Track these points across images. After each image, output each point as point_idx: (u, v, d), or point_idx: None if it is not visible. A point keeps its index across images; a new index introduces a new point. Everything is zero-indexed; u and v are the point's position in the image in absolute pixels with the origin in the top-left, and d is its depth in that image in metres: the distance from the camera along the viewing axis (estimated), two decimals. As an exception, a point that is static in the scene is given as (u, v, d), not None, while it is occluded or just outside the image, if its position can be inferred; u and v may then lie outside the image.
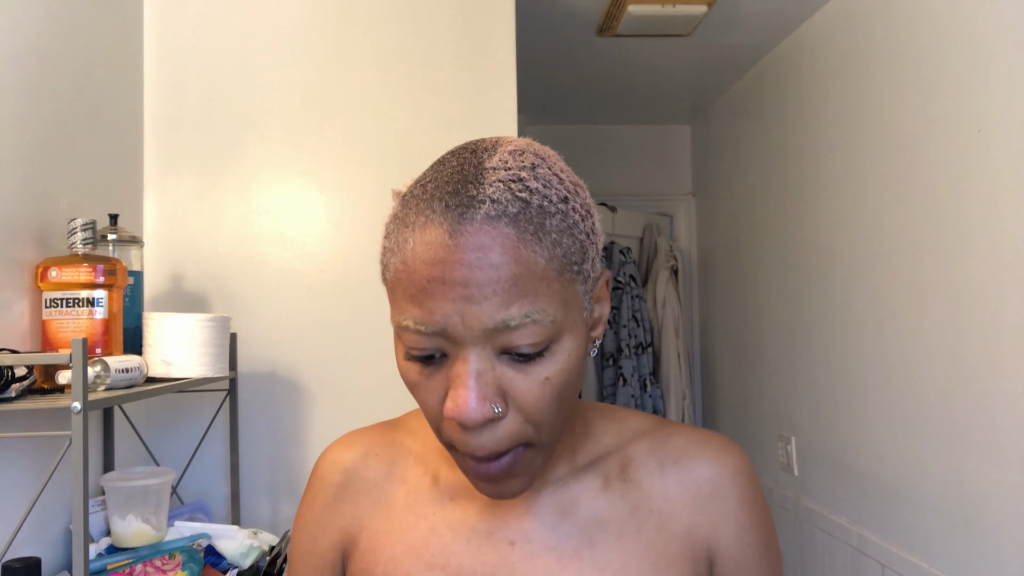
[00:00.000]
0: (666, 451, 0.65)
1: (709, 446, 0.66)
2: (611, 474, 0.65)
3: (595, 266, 0.56)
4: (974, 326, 1.62)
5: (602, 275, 0.58)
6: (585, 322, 0.56)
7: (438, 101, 1.76)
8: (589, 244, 0.55)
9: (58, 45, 1.33)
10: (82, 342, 0.94)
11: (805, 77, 2.40)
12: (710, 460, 0.65)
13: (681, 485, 0.64)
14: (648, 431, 0.67)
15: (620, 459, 0.65)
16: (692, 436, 0.67)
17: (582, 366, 0.56)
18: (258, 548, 1.39)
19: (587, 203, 0.57)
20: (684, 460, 0.65)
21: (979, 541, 1.61)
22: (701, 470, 0.64)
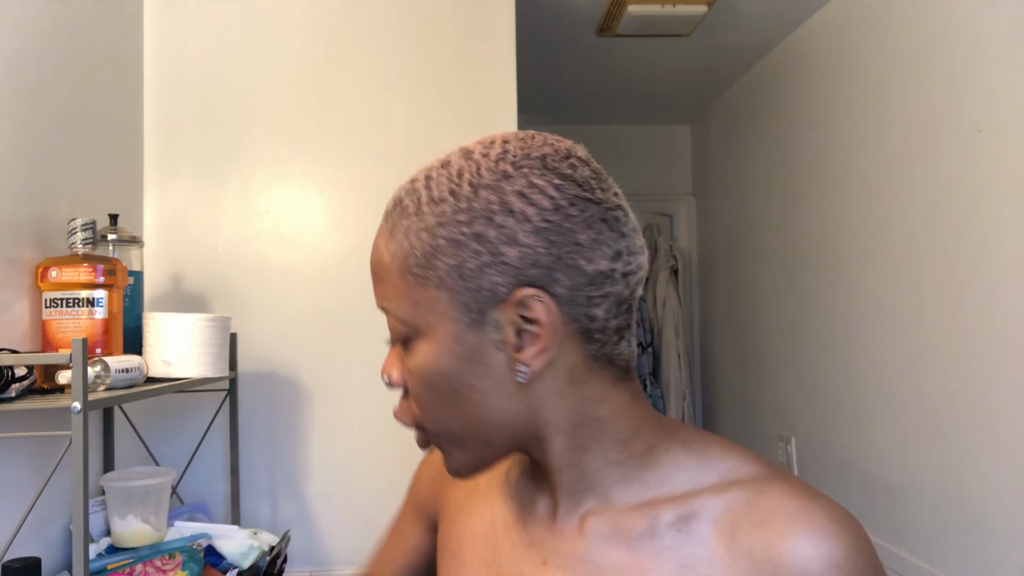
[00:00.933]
0: (749, 511, 0.53)
1: (807, 521, 0.51)
2: (666, 517, 0.55)
3: (467, 277, 0.53)
4: (974, 326, 1.62)
5: (512, 296, 0.52)
6: (469, 338, 0.54)
7: (438, 101, 1.76)
8: (450, 248, 0.53)
9: (58, 45, 1.33)
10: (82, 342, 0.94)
11: (805, 77, 2.40)
12: (801, 540, 0.50)
13: (752, 562, 0.51)
14: (739, 481, 0.55)
15: (686, 505, 0.55)
16: (790, 500, 0.52)
17: (465, 376, 0.55)
18: (258, 548, 1.39)
19: (478, 209, 0.53)
20: (766, 529, 0.51)
21: (979, 541, 1.61)
22: (783, 550, 0.50)
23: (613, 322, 0.55)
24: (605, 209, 0.55)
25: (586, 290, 0.53)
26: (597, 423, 0.57)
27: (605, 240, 0.54)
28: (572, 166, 0.55)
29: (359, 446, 1.70)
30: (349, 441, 1.70)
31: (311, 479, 1.68)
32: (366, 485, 1.69)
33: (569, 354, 0.55)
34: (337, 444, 1.69)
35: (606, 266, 0.53)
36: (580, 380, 0.55)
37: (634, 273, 0.56)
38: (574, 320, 0.54)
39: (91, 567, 1.20)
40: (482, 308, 0.53)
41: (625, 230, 0.56)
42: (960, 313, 1.66)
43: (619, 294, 0.55)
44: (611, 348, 0.56)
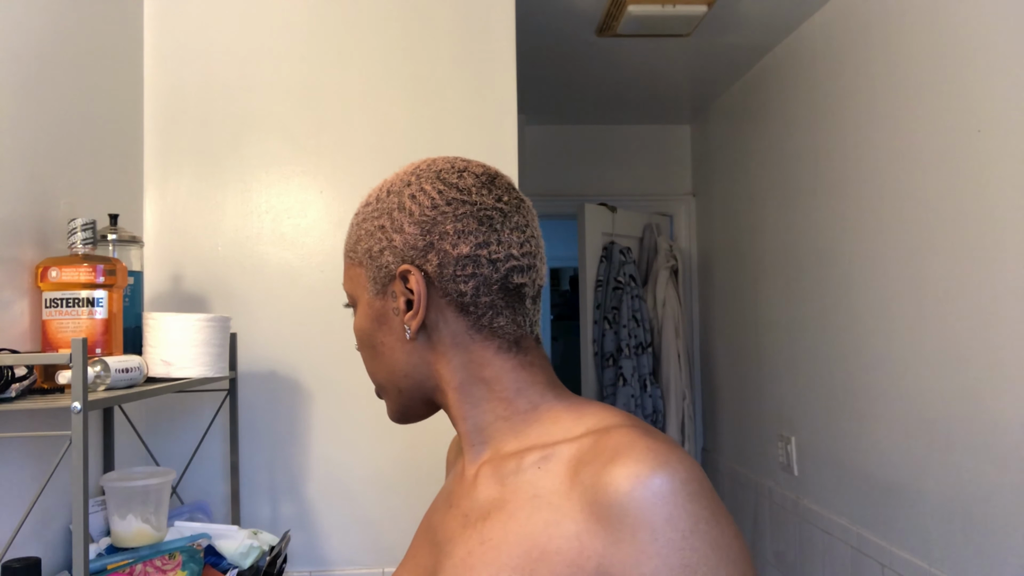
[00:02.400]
0: (592, 450, 0.62)
1: (629, 452, 0.59)
2: (531, 458, 0.66)
3: (373, 257, 0.72)
4: (974, 325, 1.62)
5: (398, 271, 0.70)
6: (377, 303, 0.73)
7: (438, 101, 1.76)
8: (366, 236, 0.73)
9: (58, 45, 1.33)
10: (82, 342, 0.94)
11: (805, 77, 2.40)
12: (619, 468, 0.58)
13: (583, 488, 0.60)
14: (596, 430, 0.64)
15: (549, 449, 0.65)
16: (623, 439, 0.61)
17: (375, 334, 0.73)
18: (258, 548, 1.39)
19: (386, 208, 0.72)
20: (597, 462, 0.60)
21: (979, 541, 1.61)
22: (605, 476, 0.58)
23: (484, 299, 0.69)
24: (478, 209, 0.69)
25: (452, 268, 0.68)
26: (482, 382, 0.71)
27: (471, 232, 0.69)
28: (460, 176, 0.72)
29: (359, 446, 1.70)
30: (349, 441, 1.70)
31: (311, 479, 1.68)
32: (366, 485, 1.69)
33: (451, 322, 0.70)
34: (337, 444, 1.69)
35: (468, 251, 0.68)
36: (462, 345, 0.70)
37: (503, 261, 0.69)
38: (447, 293, 0.69)
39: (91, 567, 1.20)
40: (383, 282, 0.71)
41: (499, 227, 0.70)
42: (960, 313, 1.66)
43: (487, 276, 0.69)
44: (489, 320, 0.70)
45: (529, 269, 0.71)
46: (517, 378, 0.71)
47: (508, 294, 0.70)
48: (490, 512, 0.66)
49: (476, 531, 0.66)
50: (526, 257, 0.71)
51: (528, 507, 0.63)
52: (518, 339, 0.71)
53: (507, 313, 0.70)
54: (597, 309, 3.31)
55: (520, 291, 0.71)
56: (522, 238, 0.71)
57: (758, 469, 2.80)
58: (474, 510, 0.68)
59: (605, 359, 3.25)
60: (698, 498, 0.57)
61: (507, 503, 0.65)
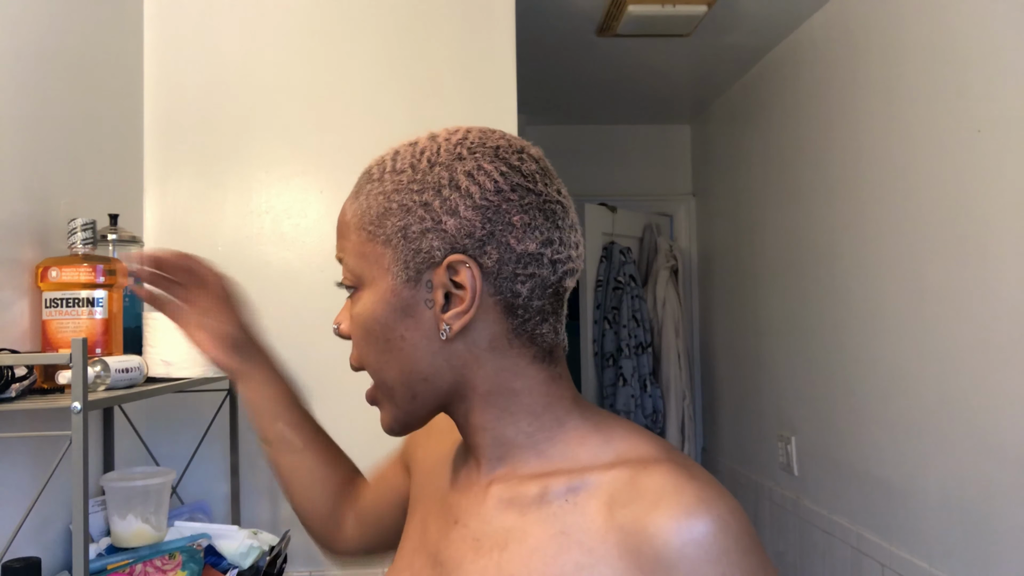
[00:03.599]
0: (630, 487, 0.56)
1: (676, 498, 0.54)
2: (557, 488, 0.60)
3: (410, 239, 0.61)
4: (974, 326, 1.62)
5: (445, 260, 0.59)
6: (404, 292, 0.62)
7: (438, 101, 1.76)
8: (401, 211, 0.61)
9: (58, 45, 1.33)
10: (82, 342, 0.94)
11: (805, 77, 2.40)
12: (666, 516, 0.53)
13: (622, 534, 0.55)
14: (629, 460, 0.59)
15: (577, 478, 0.60)
16: (666, 479, 0.56)
17: (396, 326, 0.63)
18: (258, 548, 1.39)
19: (430, 182, 0.61)
20: (639, 505, 0.55)
21: (979, 541, 1.61)
22: (649, 523, 0.54)
23: (536, 303, 0.62)
24: (544, 201, 0.62)
25: (512, 266, 0.60)
26: (511, 393, 0.63)
27: (538, 226, 0.61)
28: (521, 159, 0.62)
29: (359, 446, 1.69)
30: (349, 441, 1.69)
31: (311, 479, 1.68)
32: (366, 485, 1.69)
33: (492, 324, 0.61)
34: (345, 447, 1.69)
35: (534, 248, 0.60)
36: (499, 350, 0.62)
37: (562, 263, 0.62)
38: (498, 292, 0.60)
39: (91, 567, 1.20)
40: (419, 268, 0.61)
41: (561, 223, 0.62)
42: (960, 312, 1.66)
43: (545, 278, 0.61)
44: (532, 327, 0.62)
45: (577, 272, 0.65)
46: (547, 391, 0.64)
47: (557, 299, 0.64)
48: (508, 542, 0.60)
49: (492, 562, 0.60)
50: (579, 259, 0.65)
51: (554, 544, 0.57)
52: (552, 348, 0.64)
53: (552, 319, 0.63)
54: (597, 309, 3.31)
55: (565, 295, 0.65)
56: (576, 238, 0.64)
57: (758, 469, 2.80)
58: (488, 535, 0.62)
59: (605, 359, 3.25)
60: (750, 552, 0.54)
61: (529, 535, 0.59)
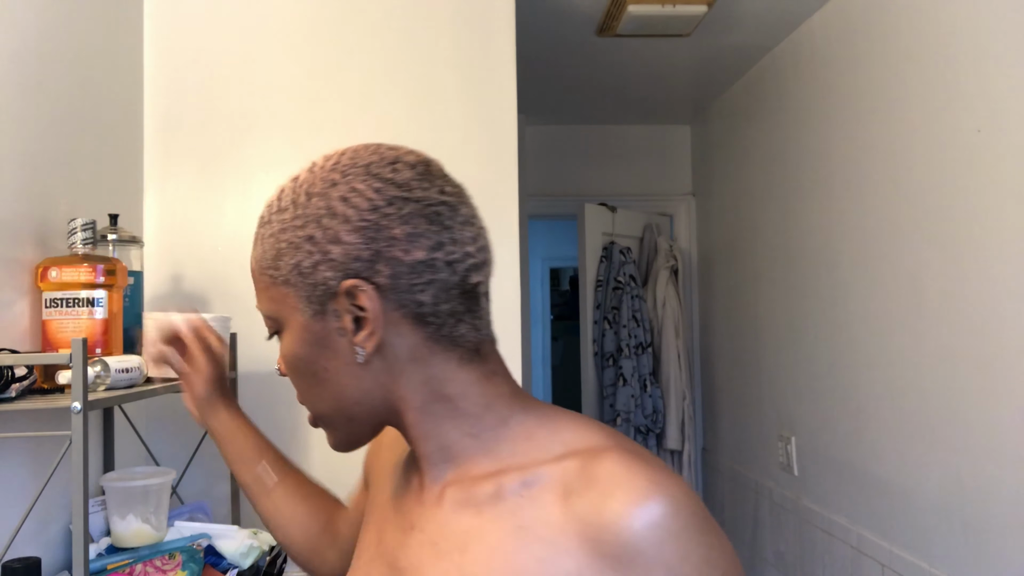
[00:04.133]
0: (583, 477, 0.57)
1: (630, 484, 0.55)
2: (511, 484, 0.60)
3: (305, 274, 0.62)
4: (974, 326, 1.62)
5: (341, 288, 0.60)
6: (315, 326, 0.63)
7: (438, 101, 1.76)
8: (290, 250, 0.62)
9: (58, 45, 1.33)
10: (82, 342, 0.94)
11: (805, 77, 2.40)
12: (622, 502, 0.54)
13: (581, 524, 0.55)
14: (579, 450, 0.59)
15: (529, 473, 0.60)
16: (617, 466, 0.56)
17: (317, 360, 0.64)
18: (258, 548, 1.39)
19: (309, 215, 0.62)
20: (594, 494, 0.56)
21: (979, 541, 1.61)
22: (606, 511, 0.54)
23: (444, 307, 0.62)
24: (425, 206, 0.61)
25: (407, 278, 0.60)
26: (446, 399, 0.64)
27: (423, 233, 0.61)
28: (394, 170, 0.62)
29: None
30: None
31: (311, 479, 1.68)
32: (366, 485, 1.68)
33: (407, 336, 0.62)
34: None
35: (424, 256, 0.60)
36: (422, 359, 0.63)
37: (460, 261, 0.62)
38: (402, 305, 0.61)
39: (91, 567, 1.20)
40: (321, 301, 0.62)
41: (450, 223, 0.62)
42: (960, 313, 1.66)
43: (445, 280, 0.61)
44: (449, 331, 0.62)
45: (484, 264, 0.64)
46: (483, 391, 0.64)
47: (467, 296, 0.63)
48: (468, 544, 0.60)
49: (454, 564, 0.60)
50: (481, 252, 0.64)
51: (514, 540, 0.58)
52: (478, 346, 0.64)
53: (468, 318, 0.63)
54: (597, 309, 3.31)
55: (476, 291, 0.64)
56: (474, 231, 0.64)
57: (758, 469, 2.80)
58: (445, 539, 0.62)
59: (605, 359, 3.25)
60: (706, 528, 0.56)
61: (487, 534, 0.59)
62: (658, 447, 3.29)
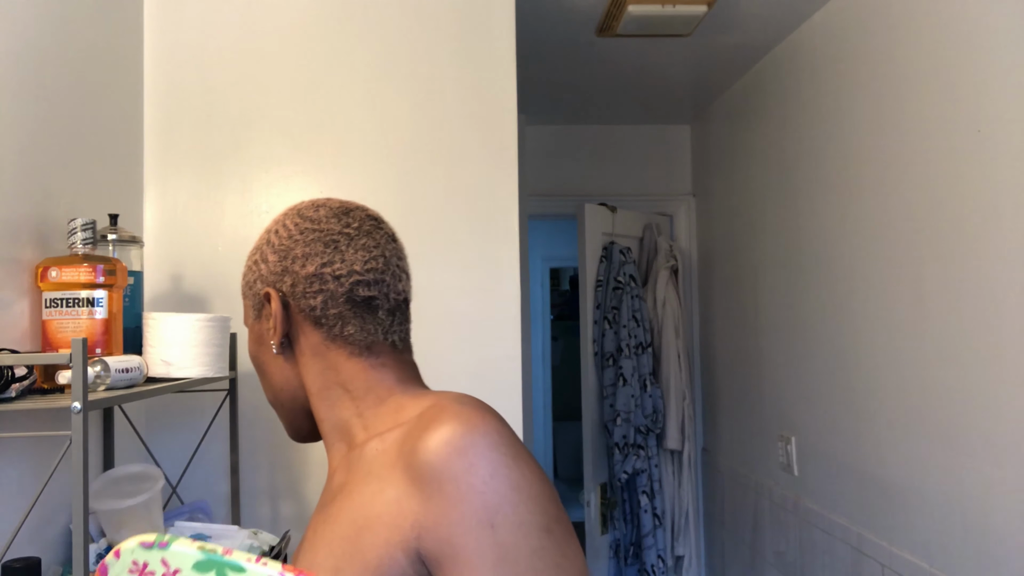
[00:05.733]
0: (416, 427, 0.68)
1: (437, 417, 0.67)
2: (373, 444, 0.72)
3: (250, 286, 0.82)
4: (974, 326, 1.62)
5: (262, 293, 0.80)
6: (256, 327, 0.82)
7: (438, 101, 1.76)
8: (248, 272, 0.83)
9: (58, 45, 1.33)
10: (82, 342, 0.94)
11: (805, 77, 2.40)
12: (429, 431, 0.65)
13: (403, 457, 0.66)
14: (427, 407, 0.71)
15: (389, 433, 0.72)
16: (436, 412, 0.68)
17: (258, 355, 0.83)
18: (258, 548, 1.39)
19: (259, 245, 0.82)
20: (415, 434, 0.67)
21: (979, 541, 1.61)
22: (418, 441, 0.66)
23: (332, 311, 0.77)
24: (325, 234, 0.78)
25: (303, 286, 0.77)
26: (338, 385, 0.78)
27: (317, 253, 0.77)
28: (316, 210, 0.81)
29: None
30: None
31: (311, 479, 1.68)
32: (366, 485, 1.68)
33: (308, 335, 0.78)
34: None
35: (314, 270, 0.77)
36: (320, 355, 0.78)
37: (346, 276, 0.77)
38: (301, 309, 0.78)
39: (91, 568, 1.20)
40: (257, 307, 0.81)
41: (343, 248, 0.78)
42: (960, 312, 1.66)
43: (333, 291, 0.77)
44: (339, 330, 0.77)
45: (377, 283, 0.78)
46: (368, 378, 0.77)
47: (356, 306, 0.77)
48: (337, 495, 0.73)
49: (323, 514, 0.73)
50: (371, 273, 0.78)
51: (362, 484, 0.69)
52: (370, 345, 0.78)
53: (356, 322, 0.77)
54: (597, 309, 3.31)
55: (370, 303, 0.78)
56: (367, 256, 0.78)
57: (758, 469, 2.80)
58: (329, 497, 0.75)
59: (605, 359, 3.25)
60: (497, 446, 0.64)
61: (349, 484, 0.72)
62: (658, 447, 3.29)
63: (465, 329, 1.72)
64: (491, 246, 1.75)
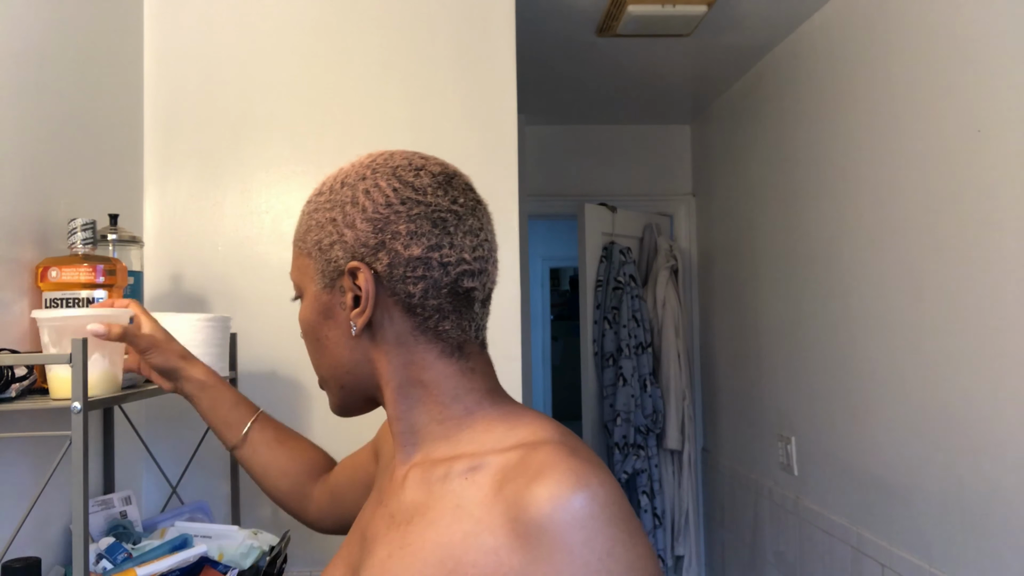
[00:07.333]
0: (519, 465, 0.62)
1: (552, 472, 0.60)
2: (460, 468, 0.66)
3: (323, 250, 0.71)
4: (974, 325, 1.62)
5: (347, 267, 0.69)
6: (324, 297, 0.73)
7: (438, 101, 1.76)
8: (317, 228, 0.72)
9: (58, 45, 1.33)
10: (82, 342, 0.94)
11: (805, 77, 2.40)
12: (541, 487, 0.59)
13: (506, 504, 0.60)
14: (526, 443, 0.65)
15: (478, 459, 0.66)
16: (548, 457, 0.62)
17: (321, 327, 0.74)
18: (258, 548, 1.39)
19: (339, 200, 0.71)
20: (522, 479, 0.61)
21: (979, 541, 1.61)
22: (527, 494, 0.59)
23: (432, 302, 0.69)
24: (433, 211, 0.69)
25: (403, 269, 0.68)
26: (421, 385, 0.71)
27: (424, 233, 0.68)
28: (417, 175, 0.71)
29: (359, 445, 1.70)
30: (349, 441, 1.69)
31: (311, 479, 1.68)
32: (366, 485, 1.68)
33: (396, 322, 0.70)
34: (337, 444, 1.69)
35: (420, 253, 0.68)
36: (406, 346, 0.70)
37: (454, 265, 0.69)
38: (395, 293, 0.69)
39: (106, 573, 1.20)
40: (332, 276, 0.71)
41: (453, 230, 0.69)
42: (960, 312, 1.66)
43: (437, 279, 0.69)
44: (434, 324, 0.70)
45: (480, 273, 0.71)
46: (456, 384, 0.71)
47: (457, 298, 0.70)
48: (413, 516, 0.66)
49: (399, 533, 0.66)
50: (478, 261, 0.71)
51: (450, 516, 0.63)
52: (461, 344, 0.71)
53: (453, 317, 0.70)
54: (597, 309, 3.31)
55: (469, 295, 0.71)
56: (475, 242, 0.71)
57: (758, 469, 2.80)
58: (400, 512, 0.68)
59: (605, 359, 3.25)
60: (617, 521, 0.59)
61: (430, 509, 0.65)
62: (658, 447, 3.29)
63: (465, 329, 1.72)
64: (491, 246, 1.75)
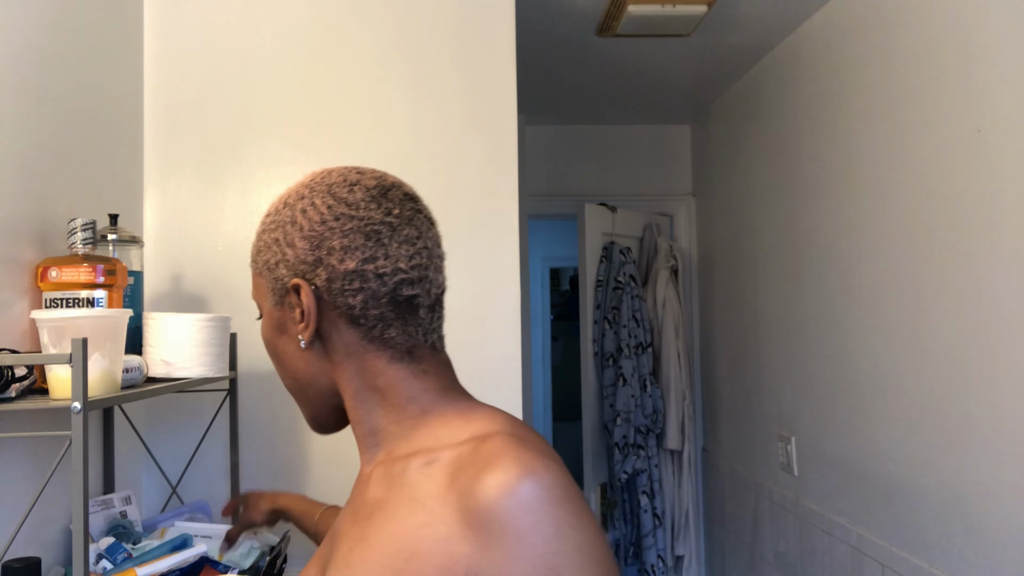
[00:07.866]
0: (471, 456, 0.64)
1: (499, 460, 0.62)
2: (416, 463, 0.68)
3: (271, 269, 0.73)
4: (973, 326, 1.62)
5: (290, 284, 0.71)
6: (276, 313, 0.75)
7: (438, 101, 1.76)
8: (265, 248, 0.74)
9: (58, 45, 1.33)
10: (82, 342, 0.94)
11: (805, 77, 2.40)
12: (489, 475, 0.61)
13: (457, 494, 0.62)
14: (479, 436, 0.67)
15: (434, 454, 0.67)
16: (498, 447, 0.64)
17: (277, 343, 0.76)
18: (258, 548, 1.39)
19: (281, 220, 0.73)
20: (473, 469, 0.63)
21: (979, 541, 1.61)
22: (477, 483, 0.61)
23: (373, 312, 0.71)
24: (365, 224, 0.71)
25: (340, 283, 0.70)
26: (376, 390, 0.73)
27: (358, 247, 0.70)
28: (351, 191, 0.72)
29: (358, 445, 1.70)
30: (349, 440, 1.69)
31: (311, 479, 1.68)
32: (366, 485, 1.68)
33: (343, 333, 0.72)
34: (337, 443, 1.69)
35: (355, 266, 0.70)
36: (356, 354, 0.72)
37: (390, 275, 0.70)
38: (336, 306, 0.71)
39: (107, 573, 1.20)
40: (280, 293, 0.73)
41: (386, 241, 0.71)
42: (960, 312, 1.66)
43: (375, 290, 0.70)
44: (380, 332, 0.71)
45: (421, 281, 0.72)
46: (409, 386, 0.73)
47: (398, 306, 0.72)
48: (373, 511, 0.68)
49: (359, 528, 0.69)
50: (416, 270, 0.72)
51: (406, 508, 0.65)
52: (411, 348, 0.73)
53: (398, 324, 0.72)
54: (597, 309, 3.31)
55: (412, 302, 0.72)
56: (412, 251, 0.72)
57: (758, 469, 2.80)
58: (362, 508, 0.71)
59: (605, 359, 3.25)
60: (563, 503, 0.61)
61: (388, 503, 0.67)
62: (658, 447, 3.29)
63: (465, 329, 1.72)
64: (491, 246, 1.75)
